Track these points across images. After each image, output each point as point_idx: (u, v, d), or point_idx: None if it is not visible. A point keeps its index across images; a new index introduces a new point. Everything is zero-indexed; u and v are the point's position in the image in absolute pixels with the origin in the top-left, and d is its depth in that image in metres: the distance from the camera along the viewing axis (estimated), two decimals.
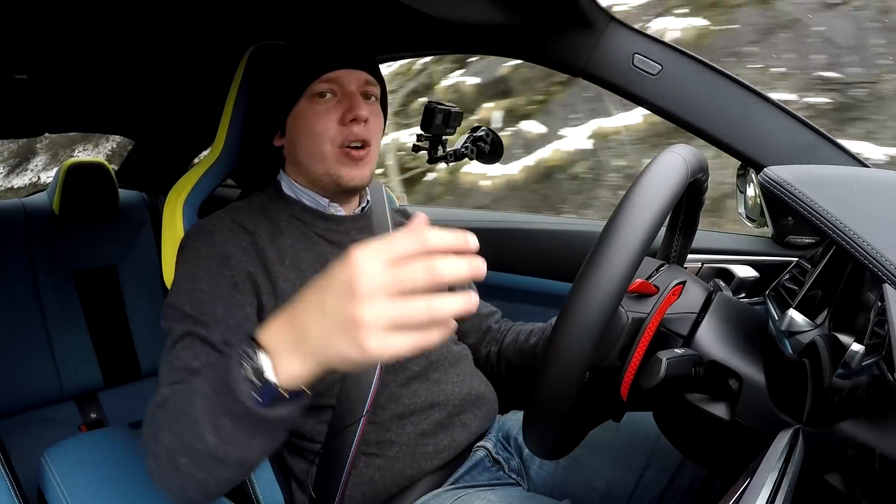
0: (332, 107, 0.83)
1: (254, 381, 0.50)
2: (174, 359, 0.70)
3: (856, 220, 0.52)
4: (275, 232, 0.82)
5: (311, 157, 0.83)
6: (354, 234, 0.89)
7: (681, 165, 0.59)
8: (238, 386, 0.50)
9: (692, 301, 0.66)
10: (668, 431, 0.69)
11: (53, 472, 0.84)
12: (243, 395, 0.50)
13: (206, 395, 0.54)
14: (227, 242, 0.77)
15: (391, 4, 0.90)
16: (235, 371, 0.51)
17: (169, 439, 0.57)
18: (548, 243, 1.39)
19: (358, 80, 0.84)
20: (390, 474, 0.80)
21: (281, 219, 0.84)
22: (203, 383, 0.56)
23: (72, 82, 1.47)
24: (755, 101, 0.86)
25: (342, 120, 0.82)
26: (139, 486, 0.83)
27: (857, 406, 0.54)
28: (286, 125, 0.85)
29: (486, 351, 1.04)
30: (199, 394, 0.55)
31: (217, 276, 0.75)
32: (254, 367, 0.50)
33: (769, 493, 0.43)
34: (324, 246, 0.85)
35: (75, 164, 1.74)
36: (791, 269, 0.73)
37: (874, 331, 0.52)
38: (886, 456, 0.51)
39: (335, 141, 0.82)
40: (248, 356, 0.51)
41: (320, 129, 0.82)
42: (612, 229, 0.54)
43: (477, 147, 1.12)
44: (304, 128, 0.83)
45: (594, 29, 0.89)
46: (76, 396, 1.72)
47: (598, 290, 0.52)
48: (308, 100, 0.83)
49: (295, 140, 0.85)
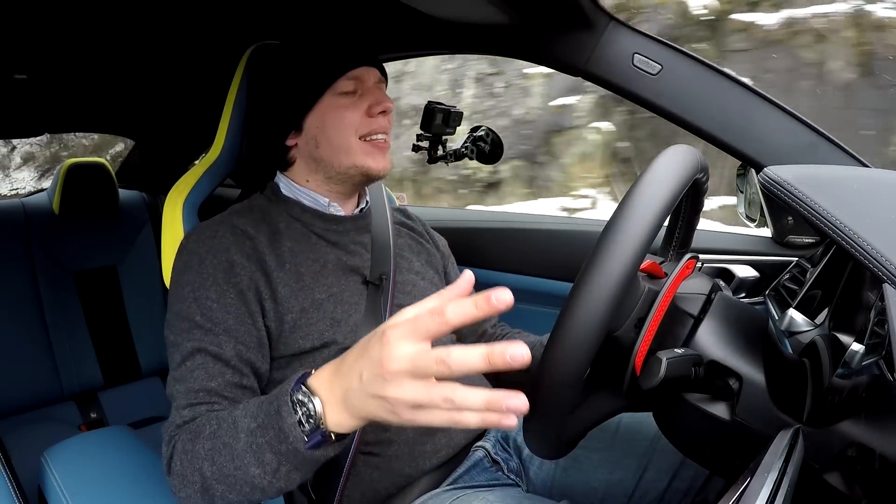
0: (356, 101, 0.84)
1: (305, 426, 0.54)
2: (188, 377, 0.70)
3: (856, 219, 0.52)
4: (274, 236, 0.82)
5: (336, 151, 0.84)
6: (354, 235, 0.89)
7: (690, 156, 0.60)
8: (290, 430, 0.54)
9: (701, 285, 0.67)
10: (669, 431, 0.69)
11: (53, 472, 0.84)
12: (295, 439, 0.54)
13: (250, 430, 0.57)
14: (230, 248, 0.77)
15: (391, 4, 0.90)
16: (288, 415, 0.54)
17: (208, 469, 0.60)
18: (548, 243, 1.39)
19: (375, 77, 0.87)
20: (389, 474, 0.80)
21: (280, 221, 0.84)
22: (245, 416, 0.59)
23: (72, 82, 1.47)
24: (755, 101, 0.86)
25: (369, 112, 0.84)
26: (139, 486, 0.83)
27: (857, 406, 0.54)
28: (304, 123, 0.85)
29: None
30: (242, 429, 0.58)
31: (225, 284, 0.75)
32: (307, 413, 0.53)
33: (769, 493, 0.43)
34: (323, 246, 0.85)
35: (75, 163, 1.74)
36: (791, 269, 0.73)
37: (874, 330, 0.52)
38: (886, 456, 0.51)
39: (360, 133, 0.84)
40: (301, 402, 0.54)
41: (347, 122, 0.83)
42: (628, 203, 0.54)
43: (477, 147, 1.12)
44: (330, 122, 0.83)
45: (594, 29, 0.89)
46: (76, 396, 1.72)
47: (618, 251, 0.52)
48: (333, 96, 0.84)
49: (317, 136, 0.85)
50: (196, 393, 0.69)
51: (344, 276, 0.84)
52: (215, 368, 0.71)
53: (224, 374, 0.71)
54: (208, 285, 0.74)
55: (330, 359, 0.75)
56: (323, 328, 0.78)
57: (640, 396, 0.58)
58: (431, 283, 0.96)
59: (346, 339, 0.79)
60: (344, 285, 0.83)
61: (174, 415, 0.69)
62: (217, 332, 0.72)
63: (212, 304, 0.73)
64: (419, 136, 1.12)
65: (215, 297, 0.74)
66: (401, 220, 1.03)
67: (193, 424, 0.66)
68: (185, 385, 0.70)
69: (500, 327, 1.08)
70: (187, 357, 0.71)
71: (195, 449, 0.62)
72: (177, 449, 0.65)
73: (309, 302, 0.78)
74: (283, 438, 0.54)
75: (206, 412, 0.68)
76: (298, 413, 0.54)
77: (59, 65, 1.32)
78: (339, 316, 0.80)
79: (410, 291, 0.90)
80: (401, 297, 0.88)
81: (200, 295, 0.74)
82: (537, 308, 1.38)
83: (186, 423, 0.67)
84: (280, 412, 0.54)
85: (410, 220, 1.05)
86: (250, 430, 0.57)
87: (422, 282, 0.94)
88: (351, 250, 0.87)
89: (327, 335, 0.78)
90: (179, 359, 0.72)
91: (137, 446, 0.95)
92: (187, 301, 0.74)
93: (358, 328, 0.81)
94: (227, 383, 0.71)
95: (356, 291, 0.84)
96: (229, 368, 0.71)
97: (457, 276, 1.05)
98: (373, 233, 0.92)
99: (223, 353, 0.71)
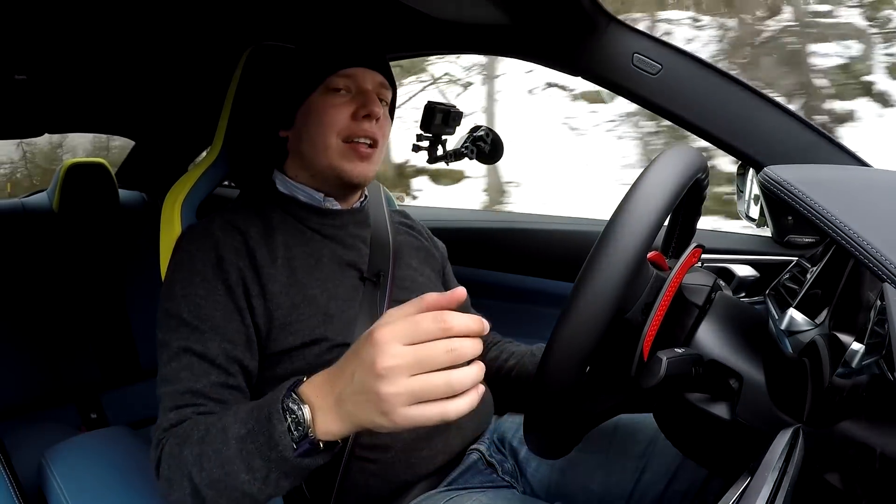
0: (346, 102, 0.83)
1: (294, 433, 0.54)
2: (173, 378, 0.70)
3: (856, 219, 0.52)
4: (267, 230, 0.81)
5: (316, 149, 0.83)
6: (352, 228, 0.88)
7: (693, 153, 0.62)
8: (279, 438, 0.54)
9: (705, 278, 0.68)
10: (668, 431, 0.69)
11: (53, 472, 0.84)
12: (284, 447, 0.54)
13: (240, 436, 0.57)
14: (219, 244, 0.76)
15: (391, 4, 0.90)
16: (278, 423, 0.54)
17: (197, 475, 0.60)
18: (548, 243, 1.39)
19: (374, 80, 0.85)
20: (385, 481, 0.79)
21: (273, 216, 0.84)
22: (235, 422, 0.59)
23: (72, 82, 1.47)
24: (755, 101, 0.86)
25: (355, 115, 0.82)
26: (139, 486, 0.83)
27: (858, 405, 0.54)
28: (296, 117, 0.85)
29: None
30: (233, 435, 0.58)
31: (213, 280, 0.74)
32: (296, 421, 0.54)
33: (769, 493, 0.43)
34: (318, 241, 0.84)
35: (75, 163, 1.74)
36: (791, 269, 0.73)
37: (874, 330, 0.52)
38: (887, 455, 0.51)
39: (342, 134, 0.82)
40: (291, 410, 0.54)
41: (329, 120, 0.82)
42: (639, 187, 0.56)
43: (477, 147, 1.12)
44: (313, 119, 0.83)
45: (594, 29, 0.89)
46: (76, 396, 1.72)
47: (631, 227, 0.53)
48: (322, 93, 0.83)
49: (302, 131, 0.84)
50: (181, 395, 0.69)
51: (339, 271, 0.83)
52: (200, 368, 0.70)
53: (209, 374, 0.70)
54: (197, 282, 0.74)
55: (321, 356, 0.75)
56: (314, 324, 0.77)
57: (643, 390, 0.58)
58: (430, 281, 0.95)
59: (338, 335, 0.78)
60: (339, 280, 0.82)
61: (161, 418, 0.69)
62: (203, 329, 0.72)
63: (199, 300, 0.73)
64: (419, 135, 1.12)
65: (203, 293, 0.73)
66: (400, 220, 1.02)
67: (180, 429, 0.65)
68: (172, 387, 0.70)
69: (492, 335, 1.06)
70: (173, 357, 0.71)
71: (182, 454, 0.61)
72: (164, 453, 0.64)
73: (301, 298, 0.77)
74: (273, 446, 0.54)
75: (192, 414, 0.68)
76: (288, 420, 0.54)
77: (59, 65, 1.32)
78: (333, 311, 0.79)
79: (409, 287, 0.89)
80: (399, 292, 0.87)
81: (189, 292, 0.73)
82: (537, 308, 1.38)
83: (173, 427, 0.67)
84: (271, 419, 0.55)
85: (410, 221, 1.04)
86: (240, 437, 0.57)
87: (420, 278, 0.93)
88: (348, 244, 0.86)
89: (318, 331, 0.77)
90: (166, 358, 0.72)
91: (137, 447, 0.95)
92: (176, 298, 0.74)
93: (353, 324, 0.79)
94: (213, 384, 0.70)
95: (352, 287, 0.83)
96: (215, 368, 0.70)
97: (455, 284, 1.04)
98: (370, 228, 0.91)
99: (209, 353, 0.71)
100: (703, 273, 0.70)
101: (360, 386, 0.50)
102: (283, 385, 0.57)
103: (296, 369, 0.75)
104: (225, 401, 0.70)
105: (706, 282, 0.67)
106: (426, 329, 0.48)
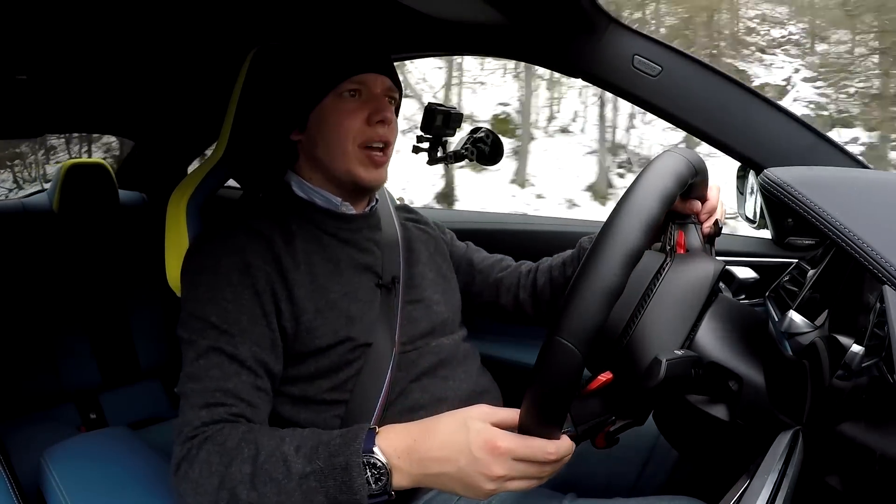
0: (359, 106, 0.84)
1: (373, 486, 0.59)
2: (203, 376, 0.70)
3: (856, 221, 0.52)
4: (288, 236, 0.82)
5: (333, 155, 0.84)
6: (367, 232, 0.90)
7: (692, 154, 0.63)
8: (359, 488, 0.59)
9: (712, 265, 0.70)
10: (668, 432, 0.69)
11: (53, 472, 0.84)
12: (361, 496, 0.59)
13: (304, 474, 0.61)
14: (245, 249, 0.77)
15: (391, 5, 0.90)
16: (358, 475, 0.59)
17: (245, 493, 0.62)
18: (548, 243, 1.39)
19: (383, 84, 0.86)
20: None
21: (292, 222, 0.84)
22: (297, 457, 0.62)
23: (72, 82, 1.47)
24: (755, 103, 0.86)
25: (369, 120, 0.83)
26: (139, 486, 0.83)
27: (858, 408, 0.54)
28: (308, 121, 0.86)
29: (513, 300, 1.03)
30: (296, 471, 0.61)
31: (240, 286, 0.75)
32: (377, 477, 0.59)
33: (769, 493, 0.43)
34: (336, 245, 0.85)
35: (75, 164, 1.74)
36: (791, 271, 0.73)
37: (874, 332, 0.52)
38: (887, 457, 0.51)
39: (358, 140, 0.83)
40: (374, 465, 0.59)
41: (345, 126, 0.83)
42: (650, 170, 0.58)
43: (477, 148, 1.12)
44: (329, 124, 0.83)
45: (594, 30, 0.90)
46: (76, 396, 1.72)
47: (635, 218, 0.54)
48: (334, 97, 0.84)
49: (316, 136, 0.85)
50: (213, 392, 0.69)
51: (357, 275, 0.85)
52: (231, 368, 0.71)
53: (240, 374, 0.71)
54: (223, 286, 0.75)
55: (344, 355, 0.78)
56: (338, 326, 0.79)
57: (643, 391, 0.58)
58: (439, 275, 0.97)
59: (361, 336, 0.80)
60: (358, 284, 0.84)
61: (190, 414, 0.68)
62: (233, 332, 0.72)
63: (227, 304, 0.74)
64: (419, 137, 1.12)
65: (231, 297, 0.74)
66: (405, 215, 1.04)
67: (218, 435, 0.65)
68: (201, 384, 0.70)
69: (523, 265, 1.08)
70: (202, 355, 0.71)
71: (230, 471, 0.62)
72: (198, 458, 0.64)
73: (324, 302, 0.79)
74: (347, 490, 0.59)
75: (225, 414, 0.68)
76: (368, 474, 0.59)
77: (59, 65, 1.32)
78: (354, 313, 0.81)
79: (420, 284, 0.92)
80: (410, 291, 0.90)
81: (216, 296, 0.74)
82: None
83: (206, 425, 0.67)
84: (349, 470, 0.59)
85: (414, 214, 1.06)
86: (304, 474, 0.60)
87: (430, 273, 0.95)
88: (364, 248, 0.88)
89: (342, 332, 0.79)
90: (194, 355, 0.72)
91: (137, 447, 0.95)
92: (202, 301, 0.74)
93: (374, 326, 0.81)
94: (244, 384, 0.71)
95: (370, 290, 0.85)
96: (245, 369, 0.71)
97: (463, 250, 1.08)
98: (382, 230, 0.92)
99: (239, 354, 0.71)
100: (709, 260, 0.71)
101: (463, 474, 0.57)
102: (356, 432, 0.62)
103: (319, 367, 0.78)
104: (255, 404, 0.71)
105: (714, 270, 0.68)
106: (538, 456, 0.55)
